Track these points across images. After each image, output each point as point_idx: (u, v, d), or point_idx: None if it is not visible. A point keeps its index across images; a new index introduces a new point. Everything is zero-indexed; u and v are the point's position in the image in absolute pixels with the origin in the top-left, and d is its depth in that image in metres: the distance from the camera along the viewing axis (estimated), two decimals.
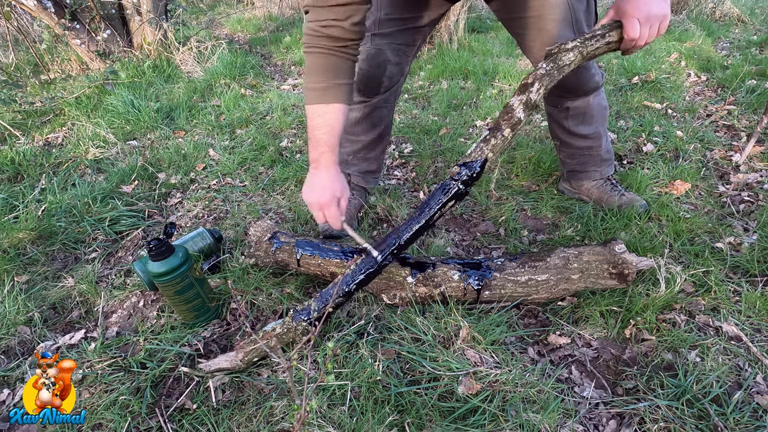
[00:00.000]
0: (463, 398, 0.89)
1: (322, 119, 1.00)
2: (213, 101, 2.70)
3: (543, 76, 0.95)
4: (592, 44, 0.94)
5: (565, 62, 0.95)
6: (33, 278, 1.39)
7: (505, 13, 1.19)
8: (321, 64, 0.97)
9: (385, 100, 1.35)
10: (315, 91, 0.99)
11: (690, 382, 0.89)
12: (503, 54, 3.19)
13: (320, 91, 0.98)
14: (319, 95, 0.99)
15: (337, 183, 1.03)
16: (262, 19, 4.93)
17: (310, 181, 1.04)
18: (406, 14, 1.21)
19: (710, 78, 2.46)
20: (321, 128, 1.00)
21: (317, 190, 1.02)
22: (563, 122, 1.38)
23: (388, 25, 1.22)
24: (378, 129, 1.42)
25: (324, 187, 1.02)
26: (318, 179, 1.03)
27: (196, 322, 1.14)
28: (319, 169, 1.03)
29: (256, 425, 0.89)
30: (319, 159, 1.02)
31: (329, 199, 1.02)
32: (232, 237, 1.48)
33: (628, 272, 1.06)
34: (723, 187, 1.52)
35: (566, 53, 0.94)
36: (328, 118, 1.00)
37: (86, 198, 1.69)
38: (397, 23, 1.22)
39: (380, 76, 1.27)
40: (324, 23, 0.93)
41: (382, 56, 1.24)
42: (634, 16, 0.88)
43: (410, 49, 1.28)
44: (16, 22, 3.04)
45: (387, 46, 1.23)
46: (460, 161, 0.99)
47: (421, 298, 1.11)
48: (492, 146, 0.97)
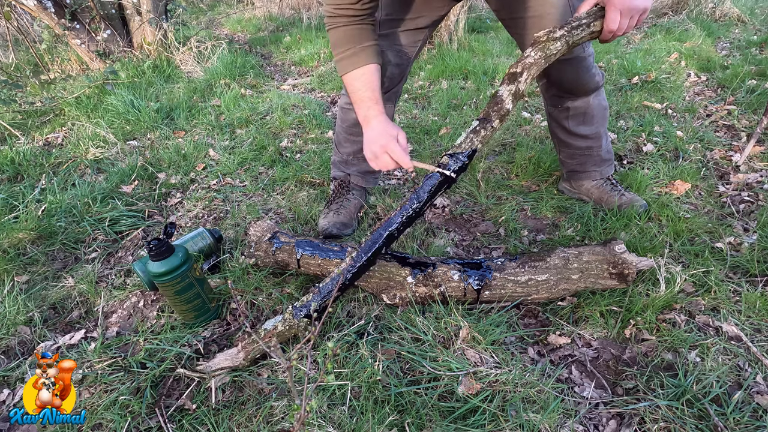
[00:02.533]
0: (463, 398, 0.89)
1: (360, 81, 1.07)
2: (213, 101, 2.70)
3: (531, 65, 0.96)
4: (578, 33, 0.95)
5: (552, 51, 0.96)
6: (33, 278, 1.39)
7: (505, 13, 1.20)
8: (344, 35, 1.06)
9: (385, 100, 1.35)
10: (346, 59, 1.06)
11: (690, 382, 0.89)
12: (503, 54, 3.19)
13: (351, 57, 1.06)
14: (351, 62, 1.06)
15: (390, 126, 1.06)
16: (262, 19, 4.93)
17: (368, 136, 1.07)
18: (406, 15, 1.21)
19: (710, 78, 2.46)
20: (361, 89, 1.07)
21: (376, 138, 1.05)
22: (563, 122, 1.38)
23: (389, 25, 1.22)
24: None
25: (380, 133, 1.05)
26: (373, 131, 1.06)
27: (196, 322, 1.14)
28: (370, 123, 1.07)
29: (256, 425, 0.89)
30: (367, 114, 1.07)
31: (388, 140, 1.03)
32: (232, 237, 1.48)
33: (628, 272, 1.06)
34: (723, 187, 1.52)
35: (554, 42, 0.95)
36: (365, 78, 1.07)
37: (86, 198, 1.69)
38: (398, 24, 1.22)
39: (381, 77, 1.27)
40: (338, 5, 1.03)
41: (383, 57, 1.24)
42: (617, 7, 0.89)
43: (411, 50, 1.28)
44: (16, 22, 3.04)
45: (388, 47, 1.23)
46: (450, 151, 1.01)
47: (421, 298, 1.11)
48: (482, 137, 0.98)
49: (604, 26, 0.93)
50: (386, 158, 1.04)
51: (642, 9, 0.90)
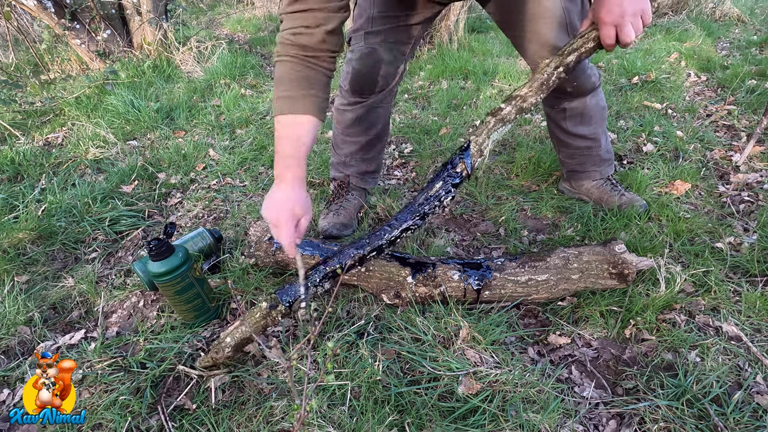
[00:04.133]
0: (463, 398, 0.89)
1: (288, 130, 0.93)
2: (213, 101, 2.70)
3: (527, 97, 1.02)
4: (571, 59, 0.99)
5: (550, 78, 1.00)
6: (33, 278, 1.39)
7: (500, 16, 1.20)
8: (290, 73, 0.92)
9: (380, 100, 1.35)
10: (283, 100, 0.92)
11: (690, 382, 0.89)
12: (503, 54, 3.19)
13: (289, 100, 0.92)
14: (287, 105, 0.92)
15: (300, 200, 0.92)
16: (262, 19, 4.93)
17: (271, 195, 0.93)
18: (398, 12, 1.20)
19: (710, 78, 2.46)
20: (287, 140, 0.93)
21: (276, 205, 0.92)
22: (561, 123, 1.38)
23: (380, 22, 1.21)
24: (375, 129, 1.41)
25: (284, 202, 0.91)
26: (279, 194, 0.92)
27: (196, 322, 1.14)
28: (282, 183, 0.93)
29: (256, 425, 0.89)
30: (283, 173, 0.92)
31: (287, 218, 0.90)
32: (232, 237, 1.48)
33: (628, 272, 1.06)
34: (723, 187, 1.52)
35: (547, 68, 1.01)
36: (295, 129, 0.92)
37: (86, 198, 1.69)
38: (390, 21, 1.21)
39: (375, 76, 1.26)
40: (294, 31, 0.90)
41: (376, 55, 1.23)
42: (608, 23, 0.89)
43: (405, 47, 1.27)
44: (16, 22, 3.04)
45: (380, 44, 1.22)
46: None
47: (421, 298, 1.11)
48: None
49: (603, 42, 0.93)
50: (274, 231, 0.93)
51: (639, 10, 0.88)
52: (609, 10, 0.88)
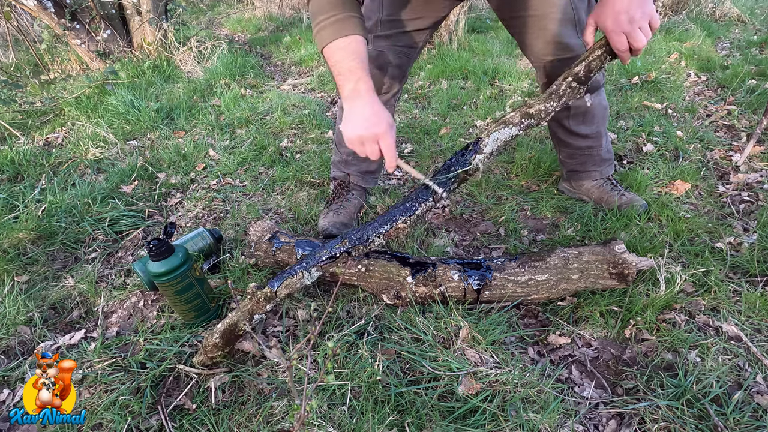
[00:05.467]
0: (463, 398, 0.89)
1: (346, 51, 0.88)
2: (213, 101, 2.70)
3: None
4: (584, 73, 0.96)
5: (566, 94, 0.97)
6: (33, 278, 1.39)
7: (506, 12, 1.19)
8: (327, 1, 0.89)
9: (385, 102, 1.35)
10: (329, 26, 0.88)
11: (690, 382, 0.89)
12: (503, 54, 3.18)
13: (335, 24, 0.88)
14: (335, 29, 0.88)
15: (384, 110, 0.90)
16: (262, 19, 4.93)
17: (354, 113, 0.89)
18: (407, 16, 1.21)
19: (710, 78, 2.46)
20: (348, 58, 0.88)
21: (369, 119, 0.87)
22: (564, 122, 1.38)
23: (389, 26, 1.21)
24: None
25: (375, 114, 0.87)
26: (363, 108, 0.88)
27: (196, 322, 1.14)
28: (359, 98, 0.88)
29: (256, 425, 0.89)
30: (356, 87, 0.88)
31: (385, 129, 0.87)
32: (232, 237, 1.48)
33: (628, 272, 1.06)
34: (723, 187, 1.52)
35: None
36: (352, 48, 0.88)
37: (86, 198, 1.69)
38: (399, 25, 1.21)
39: (381, 78, 1.27)
40: None
41: (383, 58, 1.24)
42: (617, 31, 0.86)
43: (412, 51, 1.28)
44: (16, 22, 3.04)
45: (388, 48, 1.23)
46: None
47: (421, 298, 1.11)
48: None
49: (615, 50, 0.88)
50: (374, 148, 0.90)
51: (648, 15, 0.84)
52: (616, 19, 0.85)
